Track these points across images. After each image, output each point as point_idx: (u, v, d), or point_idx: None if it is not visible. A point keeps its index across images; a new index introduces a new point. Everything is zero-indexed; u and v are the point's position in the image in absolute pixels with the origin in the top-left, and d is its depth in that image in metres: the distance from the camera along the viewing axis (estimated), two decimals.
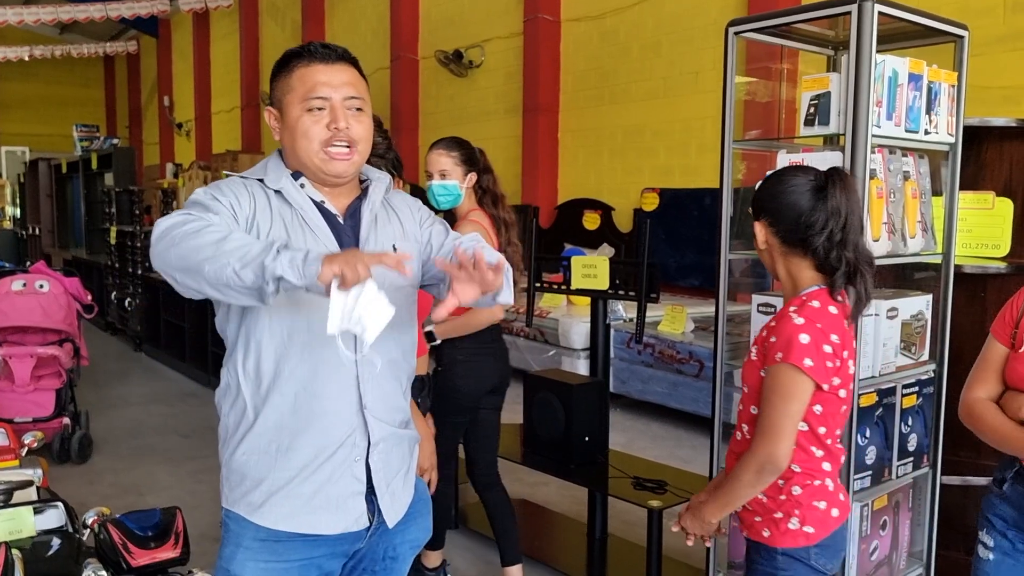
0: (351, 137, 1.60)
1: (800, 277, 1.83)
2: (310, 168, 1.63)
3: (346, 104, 1.60)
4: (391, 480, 1.70)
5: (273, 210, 1.60)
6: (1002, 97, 5.17)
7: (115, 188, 9.46)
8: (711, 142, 7.23)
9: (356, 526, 1.65)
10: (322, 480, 1.61)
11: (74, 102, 20.12)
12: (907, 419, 2.46)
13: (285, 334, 1.58)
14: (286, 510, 1.61)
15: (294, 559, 1.63)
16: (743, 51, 2.54)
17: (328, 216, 1.64)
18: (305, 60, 1.61)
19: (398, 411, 1.73)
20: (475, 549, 3.68)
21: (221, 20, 16.22)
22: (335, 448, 1.61)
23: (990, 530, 1.92)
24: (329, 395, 1.59)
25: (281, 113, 1.64)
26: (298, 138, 1.60)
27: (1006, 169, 2.98)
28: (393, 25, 11.05)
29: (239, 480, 1.64)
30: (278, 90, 1.64)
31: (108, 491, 4.42)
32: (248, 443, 1.62)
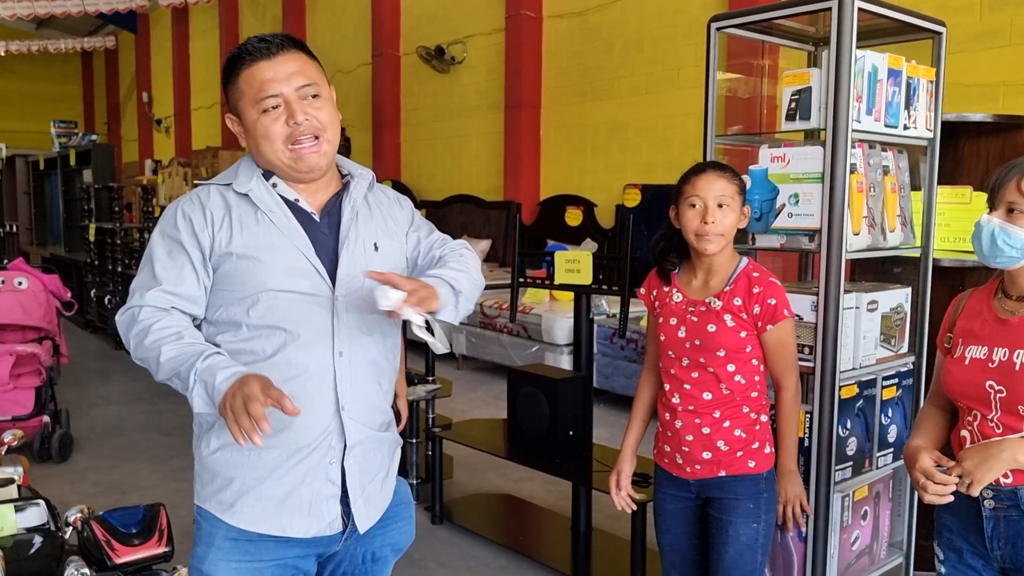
0: (314, 127, 1.56)
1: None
2: (280, 168, 1.59)
3: (300, 94, 1.55)
4: (367, 484, 1.67)
5: (233, 218, 1.57)
6: (979, 94, 5.23)
7: (94, 185, 9.37)
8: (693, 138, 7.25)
9: (329, 530, 1.62)
10: (295, 482, 1.59)
11: (52, 98, 19.89)
12: (887, 411, 2.50)
13: (259, 337, 1.57)
14: (257, 511, 1.59)
15: (267, 559, 1.60)
16: (725, 47, 2.56)
17: (302, 215, 1.61)
18: (247, 60, 1.55)
19: (378, 413, 1.69)
20: (461, 544, 3.69)
21: (200, 15, 16.08)
22: (309, 450, 1.58)
23: (940, 541, 1.91)
24: (305, 395, 1.55)
25: (240, 118, 1.60)
26: (260, 141, 1.57)
27: (983, 164, 3.03)
28: (374, 21, 11.01)
29: (211, 478, 1.62)
30: (231, 96, 1.60)
31: (91, 490, 4.39)
32: (221, 440, 1.60)
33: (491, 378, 6.88)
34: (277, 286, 1.55)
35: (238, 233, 1.56)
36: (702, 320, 2.11)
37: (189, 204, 1.60)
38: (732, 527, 2.13)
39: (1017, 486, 1.71)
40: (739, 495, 2.12)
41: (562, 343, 6.24)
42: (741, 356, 2.10)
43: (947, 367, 1.85)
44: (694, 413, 2.12)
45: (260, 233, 1.56)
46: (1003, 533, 1.75)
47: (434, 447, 3.89)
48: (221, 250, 1.56)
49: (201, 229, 1.56)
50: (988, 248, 1.73)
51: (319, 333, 1.57)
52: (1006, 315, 1.77)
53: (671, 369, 2.16)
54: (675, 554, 2.27)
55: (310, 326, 1.57)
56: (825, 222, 2.25)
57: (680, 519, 2.24)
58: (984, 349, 1.77)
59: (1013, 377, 1.70)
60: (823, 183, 2.25)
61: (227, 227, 1.56)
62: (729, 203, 2.08)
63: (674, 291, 2.19)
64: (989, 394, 1.73)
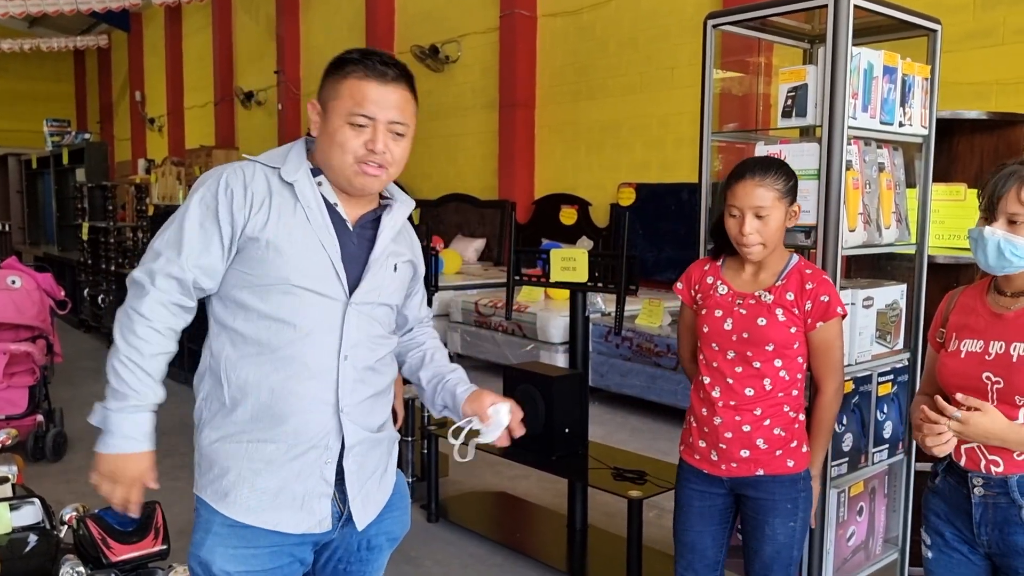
0: (386, 160, 1.61)
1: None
2: (337, 176, 1.62)
3: (389, 128, 1.60)
4: (365, 482, 1.70)
5: (273, 204, 1.58)
6: (972, 92, 5.26)
7: (87, 184, 9.35)
8: (687, 137, 7.29)
9: (319, 528, 1.64)
10: (289, 477, 1.61)
11: (44, 97, 19.81)
12: (882, 407, 2.50)
13: (267, 331, 1.58)
14: (251, 503, 1.60)
15: (263, 545, 1.62)
16: (720, 44, 2.57)
17: (337, 219, 1.64)
18: (361, 71, 1.58)
19: (376, 415, 1.72)
20: (457, 542, 3.69)
21: (194, 14, 16.04)
22: (307, 447, 1.61)
23: (927, 527, 1.94)
24: (307, 395, 1.59)
25: (324, 114, 1.62)
26: (334, 147, 1.59)
27: (977, 161, 3.04)
28: (369, 20, 11.00)
29: (208, 467, 1.64)
30: (327, 90, 1.62)
31: (85, 489, 4.35)
32: (220, 431, 1.62)
33: (486, 376, 6.88)
34: (298, 281, 1.58)
35: (274, 220, 1.58)
36: (751, 313, 2.09)
37: (234, 177, 1.60)
38: (769, 527, 2.11)
39: (1007, 475, 1.77)
40: (776, 496, 2.10)
41: (557, 341, 6.24)
42: (789, 352, 2.08)
43: (942, 360, 1.89)
44: (735, 409, 2.10)
45: (295, 226, 1.59)
46: (991, 519, 1.80)
47: (430, 445, 3.89)
48: (252, 233, 1.57)
49: (239, 207, 1.57)
50: (995, 259, 1.75)
51: (328, 335, 1.61)
52: (1001, 310, 1.82)
53: (714, 362, 2.13)
54: (695, 552, 2.22)
55: (321, 327, 1.60)
56: (821, 219, 2.26)
57: (707, 517, 2.20)
58: (980, 343, 1.81)
59: (1010, 369, 1.75)
60: (819, 180, 2.26)
61: (264, 211, 1.58)
62: (769, 212, 2.02)
63: (719, 283, 2.17)
64: (986, 385, 1.78)
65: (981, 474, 1.79)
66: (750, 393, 2.09)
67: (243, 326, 1.60)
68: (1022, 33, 5.29)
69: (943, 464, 1.90)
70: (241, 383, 1.59)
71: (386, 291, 1.70)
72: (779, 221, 2.06)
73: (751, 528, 2.15)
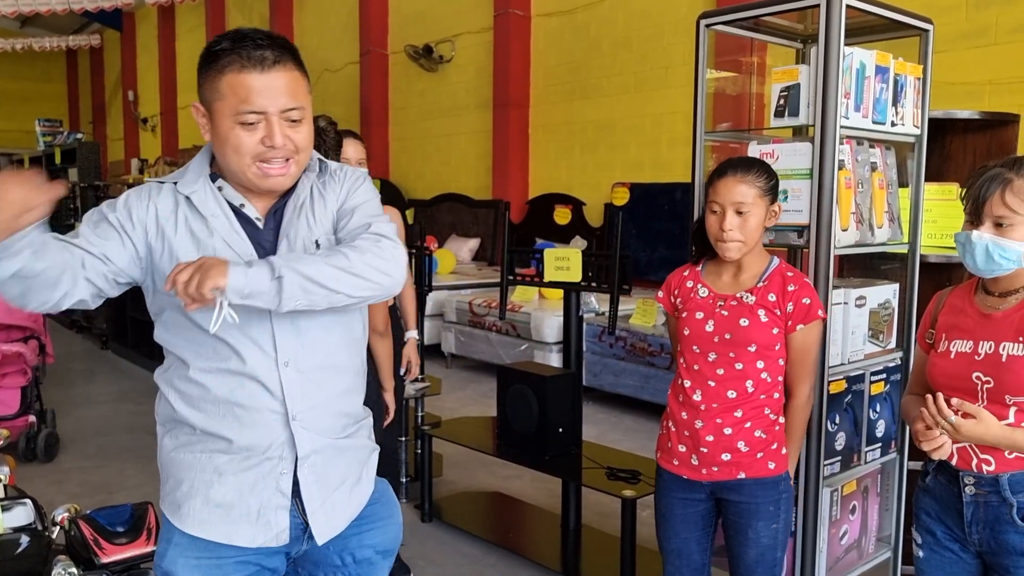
0: (288, 150, 1.48)
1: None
2: (239, 180, 1.52)
3: (283, 116, 1.46)
4: (329, 495, 1.60)
5: (179, 217, 1.51)
6: (964, 92, 5.27)
7: (80, 184, 9.31)
8: (681, 136, 7.30)
9: (276, 542, 1.56)
10: (243, 488, 1.54)
11: (36, 97, 19.73)
12: (875, 406, 2.51)
13: (205, 344, 1.51)
14: (204, 516, 1.54)
15: (227, 556, 1.56)
16: (713, 44, 2.57)
17: (245, 221, 1.55)
18: (237, 62, 1.43)
19: (339, 419, 1.62)
20: (451, 542, 3.68)
21: (187, 14, 16.00)
22: (259, 458, 1.54)
23: (918, 526, 1.94)
24: (252, 404, 1.51)
25: (210, 116, 1.49)
26: (228, 151, 1.47)
27: (969, 161, 3.04)
28: (362, 19, 10.99)
29: (165, 478, 1.60)
30: (207, 89, 1.47)
31: (77, 490, 4.36)
32: (176, 440, 1.57)
33: (480, 376, 6.87)
34: None
35: (182, 235, 1.51)
36: (733, 314, 2.09)
37: (136, 196, 1.53)
38: (753, 530, 2.11)
39: (999, 473, 1.78)
40: (759, 498, 2.11)
41: (551, 341, 6.24)
42: (771, 353, 2.09)
43: (932, 360, 1.90)
44: (716, 412, 2.09)
45: (202, 238, 1.51)
46: (982, 518, 1.80)
47: (423, 445, 3.89)
48: (162, 249, 1.50)
49: (136, 223, 1.50)
50: (983, 262, 1.76)
51: (260, 343, 1.51)
52: (989, 310, 1.83)
53: (695, 364, 2.13)
54: (681, 558, 2.22)
55: (250, 336, 1.50)
56: (813, 218, 2.26)
57: (690, 523, 2.19)
58: (969, 343, 1.82)
59: (1000, 368, 1.76)
60: (812, 179, 2.26)
61: (172, 224, 1.51)
62: (750, 208, 2.04)
63: (699, 286, 2.17)
64: (976, 385, 1.79)
65: (972, 473, 1.80)
66: (732, 395, 2.09)
67: (181, 344, 1.54)
68: (1015, 33, 5.31)
69: (934, 463, 1.90)
70: (189, 396, 1.54)
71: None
72: (759, 219, 2.07)
73: (734, 532, 2.15)
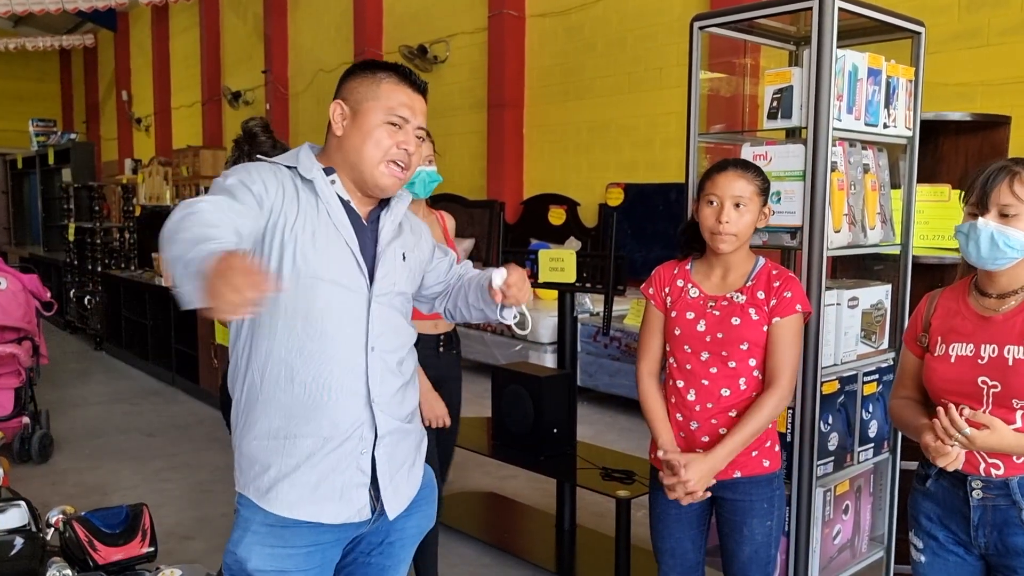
0: (410, 161, 1.70)
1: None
2: (361, 173, 1.68)
3: (416, 132, 1.71)
4: (395, 473, 1.74)
5: (300, 200, 1.64)
6: (956, 94, 5.29)
7: (73, 184, 9.29)
8: (675, 137, 7.30)
9: (358, 517, 1.69)
10: (327, 469, 1.65)
11: (29, 97, 19.67)
12: (868, 406, 2.52)
13: (297, 327, 1.62)
14: (292, 497, 1.64)
15: (300, 545, 1.66)
16: (707, 46, 2.58)
17: (353, 216, 1.70)
18: (396, 78, 1.70)
19: (404, 405, 1.78)
20: (445, 543, 3.67)
21: (181, 14, 15.96)
22: (342, 439, 1.66)
23: (917, 530, 1.92)
24: (339, 387, 1.64)
25: (354, 114, 1.68)
26: (368, 143, 1.66)
27: (961, 162, 3.06)
28: (357, 20, 10.98)
29: (249, 464, 1.68)
30: (358, 92, 1.69)
31: (71, 491, 4.35)
32: (258, 428, 1.66)
33: (475, 376, 6.87)
34: (325, 275, 1.63)
35: (302, 215, 1.63)
36: (725, 314, 2.10)
37: (258, 167, 1.65)
38: (748, 528, 2.13)
39: (1008, 477, 1.76)
40: (754, 496, 2.12)
41: (546, 341, 6.25)
42: (761, 351, 2.10)
43: (931, 365, 1.87)
44: (712, 413, 2.10)
45: (319, 221, 1.64)
46: (990, 521, 1.79)
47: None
48: (283, 222, 1.60)
49: (270, 191, 1.60)
50: (988, 251, 1.73)
51: (355, 327, 1.66)
52: (988, 312, 1.81)
53: (687, 364, 2.13)
54: (676, 558, 2.22)
55: (348, 320, 1.66)
56: (807, 219, 2.27)
57: (684, 523, 2.20)
58: (970, 346, 1.80)
59: (1007, 372, 1.73)
60: (804, 181, 2.27)
61: (295, 205, 1.63)
62: (747, 204, 2.07)
63: (689, 286, 2.18)
64: (981, 390, 1.76)
65: (980, 477, 1.78)
66: (726, 394, 2.10)
67: (271, 323, 1.63)
68: (1006, 35, 5.33)
69: (935, 468, 1.85)
70: (273, 380, 1.64)
71: (400, 280, 1.76)
72: (753, 216, 2.10)
73: (729, 530, 2.16)
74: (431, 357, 2.85)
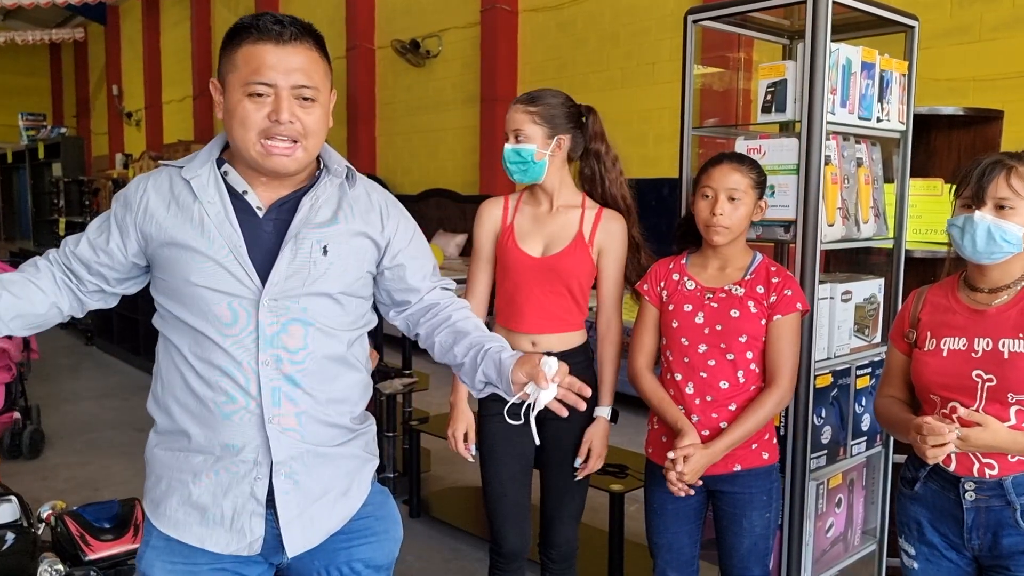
0: (295, 131, 1.43)
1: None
2: (246, 158, 1.47)
3: (294, 92, 1.43)
4: (309, 505, 1.52)
5: (172, 207, 1.49)
6: (948, 89, 5.31)
7: (64, 178, 9.24)
8: (668, 132, 7.31)
9: (249, 551, 1.49)
10: (218, 490, 1.48)
11: (19, 91, 19.56)
12: (861, 400, 2.53)
13: (186, 336, 1.49)
14: (179, 516, 1.50)
15: (202, 563, 1.51)
16: (700, 40, 2.58)
17: (245, 208, 1.50)
18: (254, 36, 1.42)
19: (326, 426, 1.54)
20: (439, 538, 3.69)
21: (172, 7, 15.89)
22: (235, 460, 1.48)
23: (908, 536, 1.88)
24: (228, 402, 1.46)
25: (224, 90, 1.47)
26: (235, 125, 1.44)
27: (954, 157, 3.07)
28: (349, 14, 10.94)
29: (148, 474, 1.57)
30: (223, 64, 1.46)
31: (63, 486, 4.33)
32: (157, 436, 1.56)
33: None
34: (197, 280, 1.46)
35: (173, 221, 1.49)
36: (723, 306, 2.11)
37: (135, 187, 1.56)
38: (747, 520, 2.14)
39: (1003, 477, 1.73)
40: (753, 488, 2.13)
41: None
42: (759, 344, 2.11)
43: (922, 360, 1.84)
44: (711, 407, 2.10)
45: (193, 224, 1.47)
46: (984, 523, 1.76)
47: (411, 441, 3.89)
48: (156, 237, 1.50)
49: (132, 214, 1.53)
50: (984, 244, 1.71)
51: (242, 336, 1.46)
52: (980, 306, 1.79)
53: (685, 357, 2.14)
54: (672, 552, 2.22)
55: (233, 328, 1.46)
56: (800, 213, 2.27)
57: (682, 517, 2.20)
58: (963, 340, 1.78)
59: (1003, 366, 1.71)
60: (798, 175, 2.27)
61: (162, 214, 1.49)
62: (741, 197, 2.08)
63: (685, 279, 2.19)
64: (975, 384, 1.74)
65: (974, 478, 1.75)
66: (725, 386, 2.10)
67: (169, 332, 1.52)
68: (998, 30, 5.35)
69: (924, 470, 1.84)
70: (170, 389, 1.51)
71: (315, 279, 1.49)
72: (748, 209, 2.11)
73: (728, 523, 2.16)
74: None
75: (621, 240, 2.32)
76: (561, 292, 2.26)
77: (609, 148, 2.39)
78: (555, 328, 2.28)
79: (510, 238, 2.30)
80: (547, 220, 2.30)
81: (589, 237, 2.27)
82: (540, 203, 2.33)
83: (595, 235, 2.28)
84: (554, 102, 2.29)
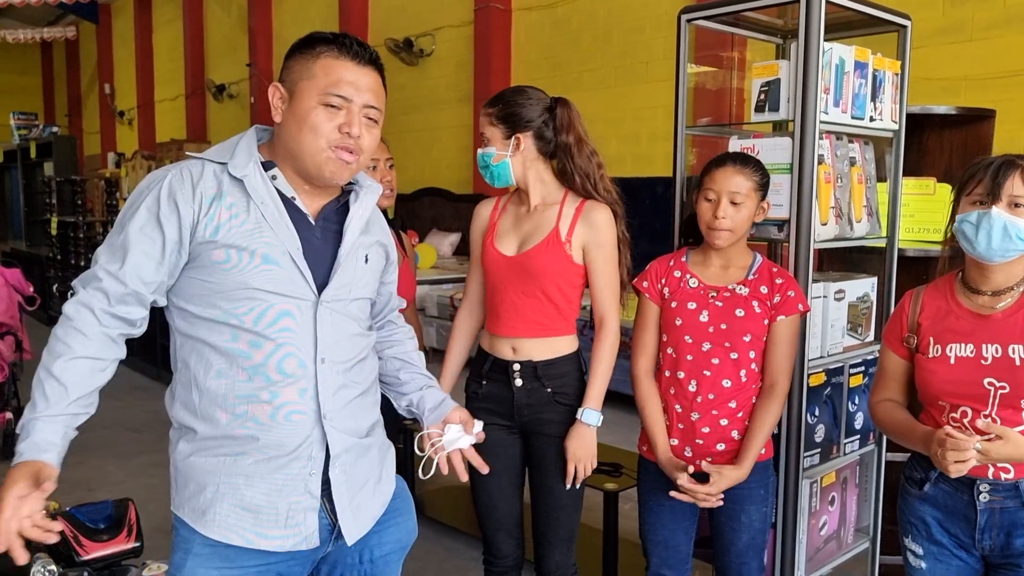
0: (359, 146, 1.51)
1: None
2: (305, 164, 1.50)
3: (364, 112, 1.51)
4: (355, 494, 1.59)
5: (224, 205, 1.46)
6: (940, 88, 5.32)
7: (56, 178, 9.20)
8: (662, 131, 7.32)
9: (306, 545, 1.53)
10: (271, 491, 1.50)
11: (10, 90, 19.47)
12: (854, 398, 2.54)
13: (235, 341, 1.48)
14: (230, 520, 1.49)
15: (249, 565, 1.51)
16: (694, 39, 2.58)
17: (296, 214, 1.52)
18: (335, 50, 1.49)
19: (363, 419, 1.63)
20: (433, 537, 3.69)
21: (164, 6, 15.84)
22: (289, 459, 1.50)
23: (916, 536, 1.87)
24: (283, 404, 1.49)
25: (291, 96, 1.50)
26: (304, 131, 1.48)
27: (946, 156, 3.08)
28: (342, 12, 10.92)
29: (184, 483, 1.53)
30: (295, 71, 1.50)
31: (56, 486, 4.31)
32: (194, 444, 1.51)
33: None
34: (260, 285, 1.46)
35: (227, 221, 1.46)
36: (728, 305, 2.11)
37: (178, 180, 1.48)
38: (746, 515, 2.15)
39: (1019, 479, 1.73)
40: (751, 483, 2.13)
41: None
42: (762, 344, 2.12)
43: (928, 367, 1.80)
44: (713, 404, 2.11)
45: (250, 226, 1.47)
46: (997, 523, 1.75)
47: (406, 440, 3.88)
48: (205, 237, 1.45)
49: (187, 212, 1.45)
50: (1000, 241, 1.68)
51: (301, 339, 1.50)
52: (985, 311, 1.76)
53: (688, 355, 2.13)
54: (668, 550, 2.23)
55: (292, 331, 1.49)
56: (793, 212, 2.28)
57: (678, 515, 2.20)
58: (970, 347, 1.75)
59: (1015, 372, 1.70)
60: (791, 174, 2.28)
61: (216, 212, 1.46)
62: (743, 200, 2.08)
63: (688, 277, 2.19)
64: (988, 391, 1.72)
65: (989, 480, 1.73)
66: (727, 385, 2.11)
67: (208, 336, 1.48)
68: (990, 29, 5.37)
69: (935, 471, 1.79)
70: (212, 395, 1.49)
71: (358, 285, 1.60)
72: (750, 211, 2.11)
73: (726, 519, 2.17)
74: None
75: (608, 231, 2.19)
76: (535, 294, 2.16)
77: (583, 142, 2.26)
78: (533, 333, 2.19)
79: (489, 237, 2.25)
80: (525, 219, 2.22)
81: (567, 234, 2.15)
82: (523, 203, 2.27)
83: (575, 230, 2.15)
84: (513, 100, 2.19)
